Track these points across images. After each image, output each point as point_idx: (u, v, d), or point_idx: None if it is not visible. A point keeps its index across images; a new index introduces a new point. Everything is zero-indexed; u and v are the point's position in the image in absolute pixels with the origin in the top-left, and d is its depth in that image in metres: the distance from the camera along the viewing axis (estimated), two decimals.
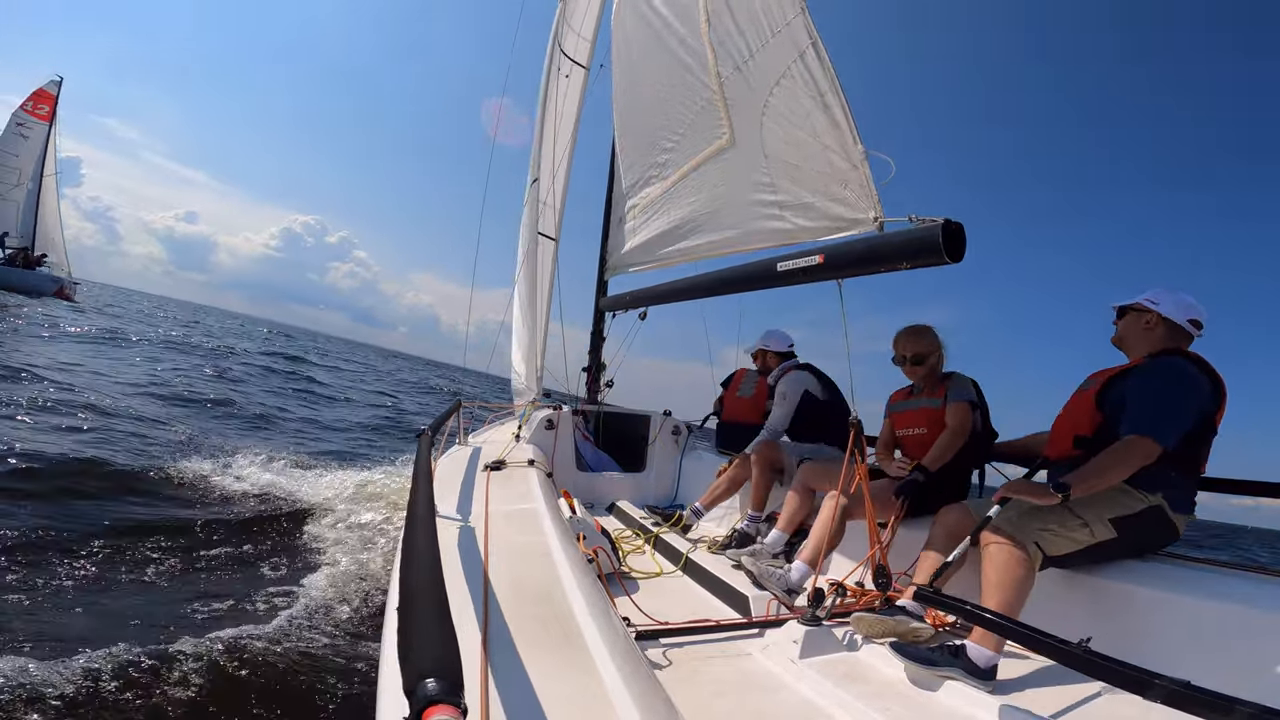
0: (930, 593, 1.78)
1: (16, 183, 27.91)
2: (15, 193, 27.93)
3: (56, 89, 29.39)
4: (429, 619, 0.76)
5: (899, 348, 2.62)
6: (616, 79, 3.97)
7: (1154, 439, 1.74)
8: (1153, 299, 1.97)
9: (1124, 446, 1.77)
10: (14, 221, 27.83)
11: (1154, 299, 1.97)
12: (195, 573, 3.53)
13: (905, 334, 2.62)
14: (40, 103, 28.93)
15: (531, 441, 3.50)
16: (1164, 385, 1.83)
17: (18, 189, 27.94)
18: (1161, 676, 1.15)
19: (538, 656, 1.05)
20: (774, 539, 2.68)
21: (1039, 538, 1.76)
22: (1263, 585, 1.75)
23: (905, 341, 2.61)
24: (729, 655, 1.79)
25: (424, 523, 1.12)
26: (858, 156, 1.99)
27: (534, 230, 4.31)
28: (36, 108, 28.81)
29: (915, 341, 2.59)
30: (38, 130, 28.60)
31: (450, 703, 0.59)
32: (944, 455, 2.37)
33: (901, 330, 2.64)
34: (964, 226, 1.67)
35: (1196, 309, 1.94)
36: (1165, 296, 1.97)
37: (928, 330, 2.60)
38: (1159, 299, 1.97)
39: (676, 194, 3.22)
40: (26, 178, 28.14)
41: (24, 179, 28.07)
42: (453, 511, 1.94)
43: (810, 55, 2.15)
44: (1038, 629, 1.46)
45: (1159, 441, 1.74)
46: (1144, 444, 1.75)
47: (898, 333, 2.66)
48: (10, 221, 27.74)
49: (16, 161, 27.95)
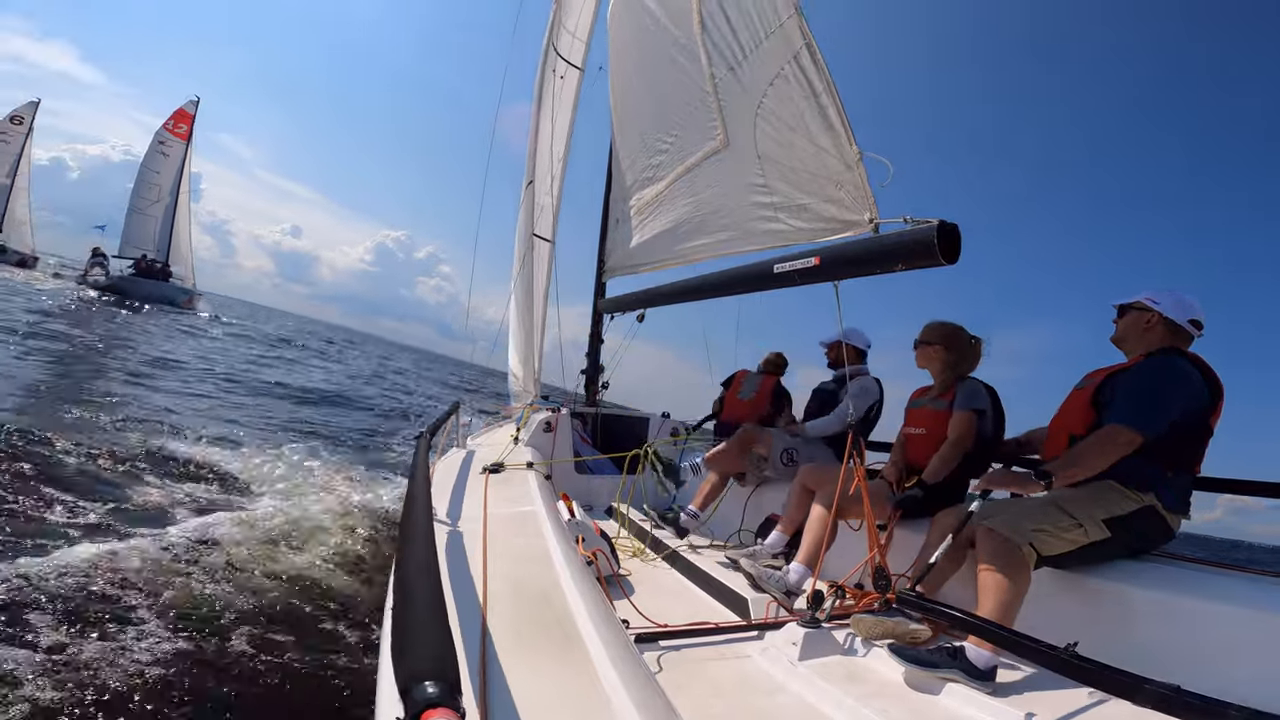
0: (912, 596, 1.78)
1: (156, 199, 29.53)
2: (155, 208, 29.56)
3: (194, 108, 30.64)
4: (426, 621, 0.75)
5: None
6: (613, 80, 3.97)
7: (1132, 428, 1.75)
8: (1153, 298, 1.95)
9: (1103, 434, 1.78)
10: (153, 236, 29.43)
11: (1154, 298, 1.95)
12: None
13: (928, 323, 2.60)
14: (180, 122, 30.26)
15: (530, 444, 3.49)
16: (1149, 378, 1.84)
17: (157, 205, 29.56)
18: (1151, 681, 1.14)
19: (536, 659, 1.04)
20: (773, 541, 2.68)
21: (1033, 538, 1.76)
22: (1258, 586, 1.75)
23: (924, 328, 2.59)
24: (728, 657, 1.79)
25: (422, 525, 1.12)
26: (852, 158, 1.99)
27: (529, 232, 4.31)
28: (176, 127, 30.15)
29: (927, 330, 2.57)
30: (176, 148, 30.08)
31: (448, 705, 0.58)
32: (943, 468, 2.33)
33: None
34: (959, 227, 1.67)
35: (1197, 309, 1.93)
36: (1166, 296, 1.95)
37: (940, 324, 2.56)
38: (1159, 298, 1.95)
39: (672, 196, 3.22)
40: (165, 193, 29.70)
41: (162, 195, 29.68)
42: (451, 513, 1.94)
43: (804, 56, 2.15)
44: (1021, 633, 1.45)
45: (1138, 430, 1.75)
46: (1123, 433, 1.76)
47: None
48: (149, 236, 29.35)
49: (157, 179, 29.50)
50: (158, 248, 29.45)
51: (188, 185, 30.52)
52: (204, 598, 2.96)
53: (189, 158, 30.52)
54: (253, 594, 3.09)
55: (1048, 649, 1.40)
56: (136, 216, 29.28)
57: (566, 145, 4.77)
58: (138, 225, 29.28)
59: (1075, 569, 1.91)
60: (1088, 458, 1.77)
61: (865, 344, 3.49)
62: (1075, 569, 1.91)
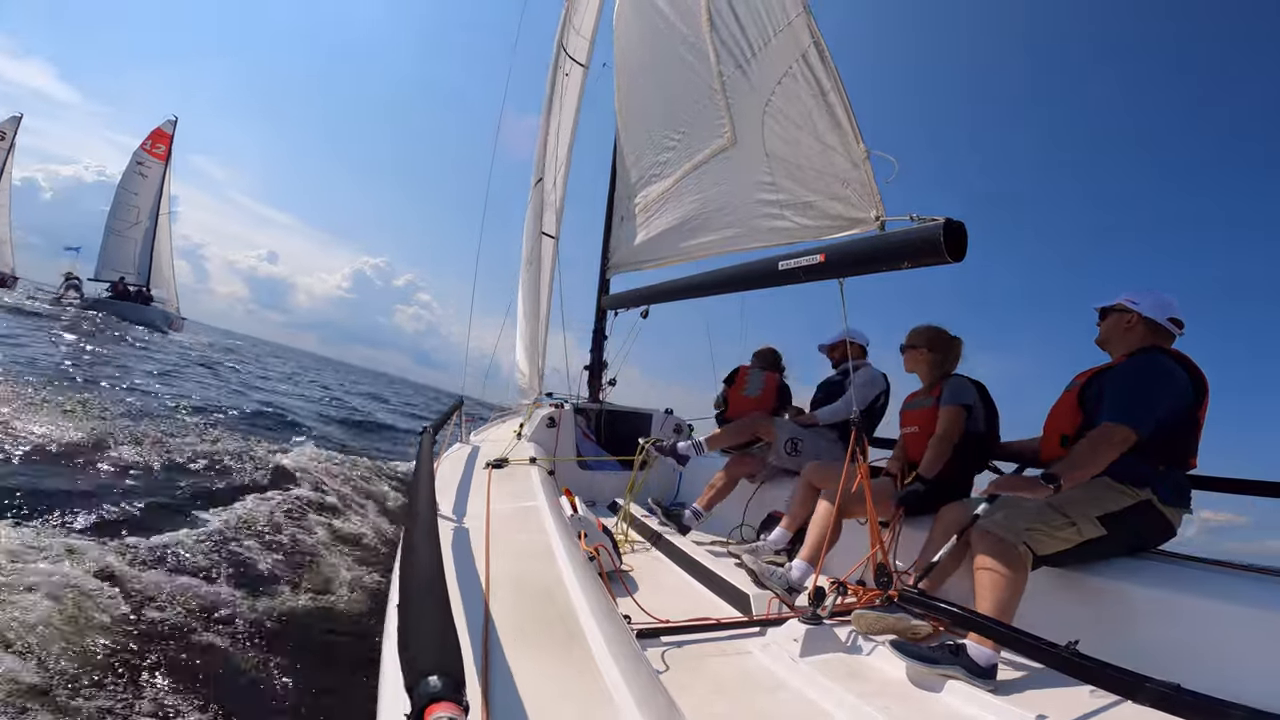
0: (914, 593, 1.78)
1: (135, 220, 28.89)
2: (134, 230, 28.93)
3: (172, 128, 30.06)
4: (430, 616, 0.76)
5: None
6: (619, 77, 3.96)
7: (1127, 425, 1.77)
8: (1133, 299, 2.00)
9: (1099, 433, 1.80)
10: (132, 258, 28.80)
11: (1134, 299, 2.00)
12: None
13: (913, 329, 2.69)
14: (158, 142, 29.67)
15: (533, 439, 3.51)
16: (1135, 376, 1.87)
17: (135, 227, 28.95)
18: (1151, 679, 1.15)
19: (539, 654, 1.05)
20: (776, 537, 2.69)
21: (1028, 538, 1.77)
22: (1259, 584, 1.75)
23: (909, 334, 2.69)
24: (729, 654, 1.79)
25: (425, 520, 1.13)
26: (859, 156, 1.99)
27: (538, 230, 4.31)
28: (154, 147, 29.55)
29: (912, 334, 2.67)
30: (154, 169, 29.43)
31: (452, 700, 0.59)
32: (936, 461, 2.36)
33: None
34: (965, 225, 1.66)
35: (1175, 308, 1.97)
36: (1145, 297, 1.99)
37: (923, 327, 2.66)
38: (1139, 299, 1.99)
39: (679, 193, 3.22)
40: (144, 215, 29.07)
41: (141, 217, 29.02)
42: (454, 509, 1.95)
43: (812, 54, 2.14)
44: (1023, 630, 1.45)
45: (1133, 428, 1.77)
46: (1117, 430, 1.78)
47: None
48: (128, 258, 28.72)
49: (135, 200, 28.87)
50: (138, 270, 28.64)
51: (168, 206, 29.87)
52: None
53: (168, 178, 29.66)
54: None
55: (1049, 646, 1.40)
56: (114, 239, 28.44)
57: (570, 142, 4.77)
58: (115, 247, 28.43)
59: (1074, 568, 1.91)
60: (1088, 458, 1.78)
61: (865, 341, 3.57)
62: (1074, 568, 1.91)
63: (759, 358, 3.98)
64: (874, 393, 3.30)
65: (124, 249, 28.68)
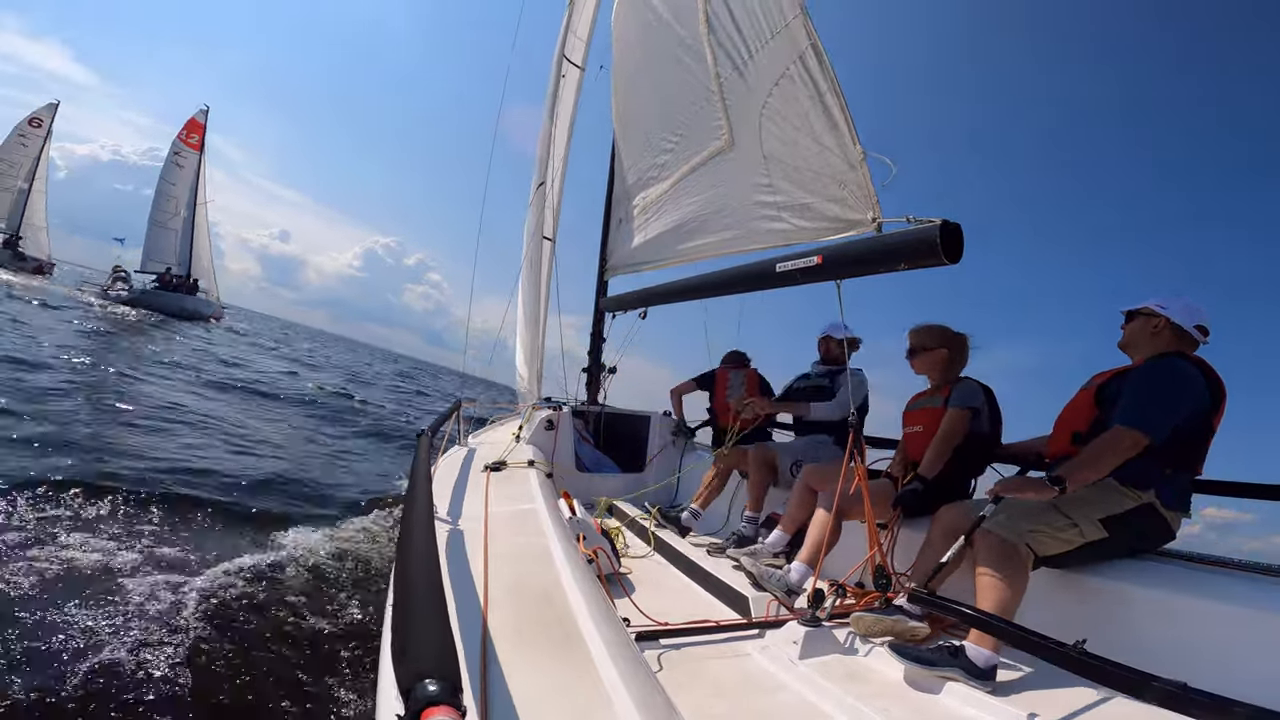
0: (925, 594, 1.78)
1: (175, 211, 29.15)
2: (174, 221, 29.18)
3: (204, 118, 30.12)
4: (427, 619, 0.76)
5: (908, 340, 2.65)
6: (616, 79, 3.97)
7: (1140, 430, 1.75)
8: (1161, 304, 1.96)
9: (1110, 436, 1.78)
10: (174, 249, 29.11)
11: (1162, 304, 1.96)
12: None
13: (914, 329, 2.64)
14: (192, 132, 29.76)
15: (531, 442, 3.50)
16: (1155, 380, 1.84)
17: (176, 217, 29.19)
18: (1158, 678, 1.15)
19: (537, 657, 1.04)
20: (775, 539, 2.68)
21: (1030, 539, 1.76)
22: (1259, 585, 1.74)
23: (911, 334, 2.63)
24: (729, 656, 1.79)
25: (422, 523, 1.12)
26: (856, 158, 1.99)
27: (539, 233, 4.31)
28: (189, 137, 29.66)
29: (915, 334, 2.61)
30: (190, 160, 29.62)
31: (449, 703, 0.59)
32: (937, 461, 2.35)
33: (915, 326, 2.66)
34: (961, 227, 1.67)
35: (1203, 315, 1.93)
36: (1173, 301, 1.95)
37: (934, 327, 2.60)
38: (1167, 304, 1.95)
39: (676, 195, 3.22)
40: (182, 205, 29.30)
41: (180, 207, 29.27)
42: (451, 511, 1.94)
43: (809, 56, 2.15)
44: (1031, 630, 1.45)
45: (1145, 433, 1.75)
46: (1128, 435, 1.76)
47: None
48: (171, 249, 29.04)
49: (174, 190, 29.09)
50: (179, 260, 29.16)
51: (204, 196, 30.04)
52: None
53: (203, 167, 30.02)
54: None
55: (1057, 645, 1.40)
56: (156, 230, 28.85)
57: (567, 144, 4.76)
58: (158, 239, 28.87)
59: (1075, 569, 1.91)
60: (1098, 460, 1.76)
61: (860, 339, 3.59)
62: (1075, 569, 1.91)
63: (730, 359, 4.11)
64: (865, 392, 3.34)
65: (166, 240, 29.17)
